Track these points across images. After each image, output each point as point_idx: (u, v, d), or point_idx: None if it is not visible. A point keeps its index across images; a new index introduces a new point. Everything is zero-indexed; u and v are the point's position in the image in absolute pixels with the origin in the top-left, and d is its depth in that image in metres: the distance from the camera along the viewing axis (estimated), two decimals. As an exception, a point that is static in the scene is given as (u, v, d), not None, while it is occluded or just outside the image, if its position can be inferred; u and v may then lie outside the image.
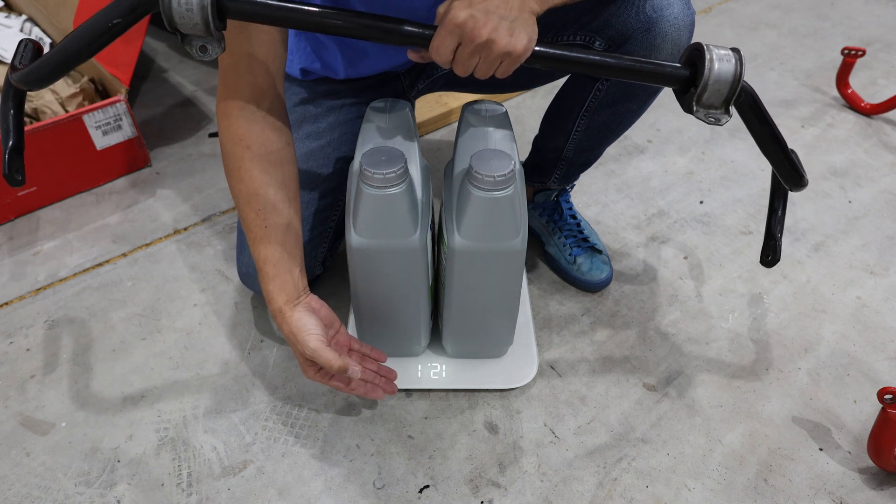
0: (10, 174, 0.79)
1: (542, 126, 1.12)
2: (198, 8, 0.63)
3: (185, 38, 0.67)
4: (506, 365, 1.00)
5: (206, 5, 0.63)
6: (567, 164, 1.11)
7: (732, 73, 0.69)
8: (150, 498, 0.86)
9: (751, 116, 0.75)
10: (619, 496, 0.87)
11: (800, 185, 0.85)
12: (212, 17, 0.64)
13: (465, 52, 0.67)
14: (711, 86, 0.69)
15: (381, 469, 0.90)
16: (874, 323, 1.10)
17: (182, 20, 0.64)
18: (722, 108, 0.71)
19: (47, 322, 1.09)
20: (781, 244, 0.91)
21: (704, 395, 0.99)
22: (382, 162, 0.75)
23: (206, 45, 0.68)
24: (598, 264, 1.13)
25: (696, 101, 0.71)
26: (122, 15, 0.67)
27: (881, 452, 0.86)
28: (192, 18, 0.64)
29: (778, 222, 0.91)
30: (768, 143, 0.79)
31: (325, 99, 1.03)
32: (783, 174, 0.84)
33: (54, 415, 0.96)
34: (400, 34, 0.69)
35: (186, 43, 0.67)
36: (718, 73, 0.69)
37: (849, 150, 1.48)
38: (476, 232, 0.80)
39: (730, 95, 0.70)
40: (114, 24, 0.67)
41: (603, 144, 1.06)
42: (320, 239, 1.02)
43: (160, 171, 1.41)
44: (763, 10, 2.06)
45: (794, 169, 0.82)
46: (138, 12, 0.66)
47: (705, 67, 0.69)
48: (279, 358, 1.03)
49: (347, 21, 0.69)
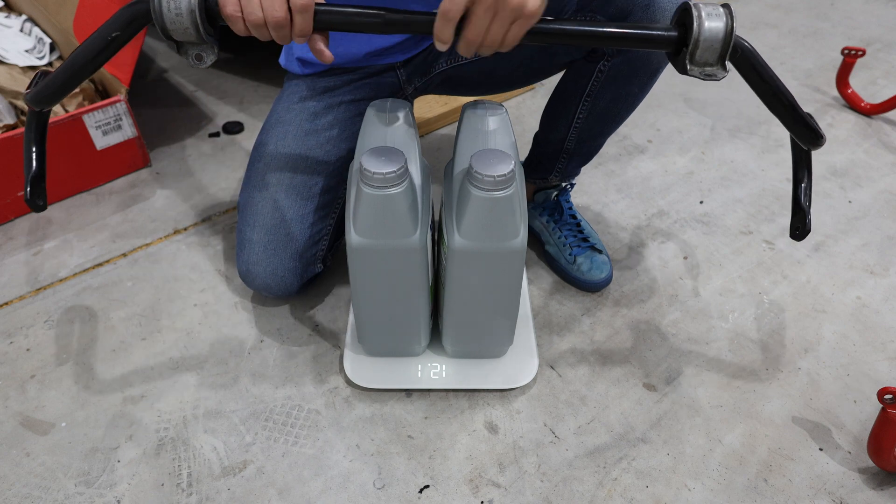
0: (31, 200, 0.82)
1: (543, 119, 1.12)
2: (186, 12, 0.65)
3: (180, 47, 0.69)
4: (506, 365, 1.00)
5: (193, 8, 0.65)
6: (568, 156, 1.11)
7: (723, 27, 0.68)
8: (150, 498, 0.86)
9: (751, 74, 0.74)
10: (619, 496, 0.87)
11: (816, 142, 0.82)
12: (201, 21, 0.66)
13: (480, 7, 0.65)
14: (703, 42, 0.68)
15: (381, 469, 0.90)
16: (874, 323, 1.10)
17: (174, 25, 0.66)
18: (718, 63, 0.70)
19: (47, 322, 1.09)
20: (810, 215, 0.87)
21: (704, 395, 0.99)
22: (382, 162, 0.75)
23: (200, 53, 0.69)
24: (598, 264, 1.13)
25: (689, 59, 0.70)
26: (120, 28, 0.69)
27: (881, 452, 0.86)
28: (182, 23, 0.65)
29: (805, 192, 0.87)
30: (773, 100, 0.76)
31: (324, 95, 1.03)
32: (796, 132, 0.81)
33: (54, 415, 0.96)
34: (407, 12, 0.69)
35: (182, 52, 0.70)
36: (709, 28, 0.68)
37: (849, 150, 1.48)
38: (476, 232, 0.80)
39: (724, 50, 0.69)
40: (113, 37, 0.70)
41: (605, 133, 1.07)
42: (320, 236, 1.02)
43: (160, 171, 1.41)
44: (763, 10, 2.06)
45: (805, 125, 0.79)
46: (135, 26, 0.69)
47: (694, 24, 0.68)
48: (279, 358, 1.03)
49: (345, 15, 0.69)
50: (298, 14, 0.66)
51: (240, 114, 1.60)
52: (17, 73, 1.35)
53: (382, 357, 1.00)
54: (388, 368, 0.99)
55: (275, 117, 1.05)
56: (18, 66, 1.36)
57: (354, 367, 0.99)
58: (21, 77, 1.34)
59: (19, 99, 1.32)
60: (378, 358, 1.00)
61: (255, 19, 0.66)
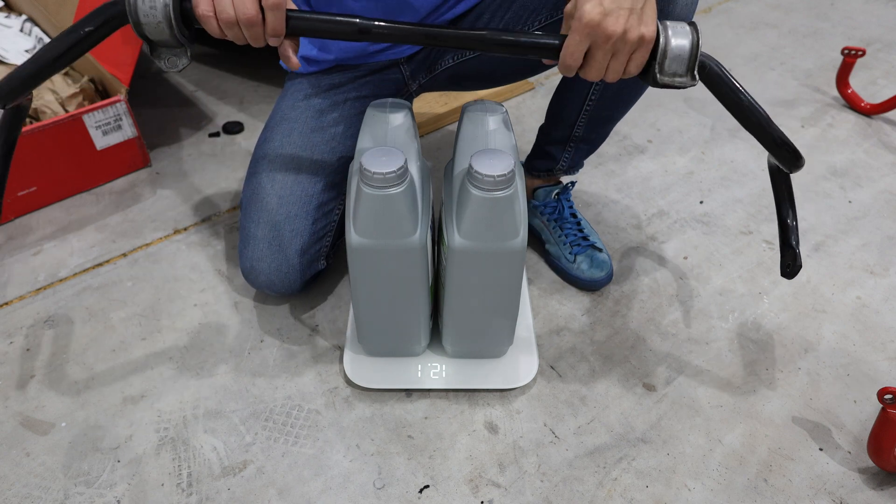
0: None
1: (552, 107, 1.12)
2: (161, 7, 0.65)
3: (153, 49, 0.69)
4: (506, 365, 1.00)
5: (168, 3, 0.65)
6: (576, 144, 1.11)
7: (689, 44, 0.69)
8: (150, 498, 0.86)
9: (722, 92, 0.75)
10: (619, 496, 0.87)
11: (795, 163, 0.83)
12: (174, 19, 0.66)
13: (599, 52, 0.68)
14: (671, 52, 0.69)
15: (381, 469, 0.90)
16: (874, 323, 1.10)
17: (147, 19, 0.65)
18: (687, 75, 0.71)
19: (47, 322, 1.09)
20: (800, 252, 0.87)
21: (704, 395, 0.99)
22: (382, 162, 0.75)
23: (173, 56, 0.69)
24: (599, 263, 1.13)
25: (658, 70, 0.71)
26: (94, 24, 0.69)
27: (881, 452, 0.86)
28: (155, 17, 0.65)
29: (791, 231, 0.88)
30: (746, 120, 0.77)
31: (329, 93, 1.04)
32: (773, 152, 0.82)
33: (54, 415, 0.96)
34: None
35: (155, 55, 0.69)
36: (675, 44, 0.69)
37: (849, 150, 1.48)
38: (476, 232, 0.80)
39: (692, 63, 0.70)
40: (87, 31, 0.69)
41: (614, 118, 1.07)
42: (324, 232, 1.03)
43: (160, 171, 1.41)
44: (763, 10, 2.06)
45: (783, 145, 0.80)
46: (110, 22, 0.68)
47: (660, 40, 0.69)
48: (279, 358, 1.03)
49: (319, 22, 0.70)
50: (270, 12, 0.66)
51: (240, 114, 1.60)
52: (17, 73, 1.34)
53: (382, 357, 1.00)
54: (388, 368, 0.99)
55: (279, 115, 1.05)
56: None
57: (354, 367, 0.99)
58: (21, 77, 1.34)
59: (19, 99, 1.32)
60: (378, 358, 1.00)
61: (227, 17, 0.67)
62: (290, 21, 0.69)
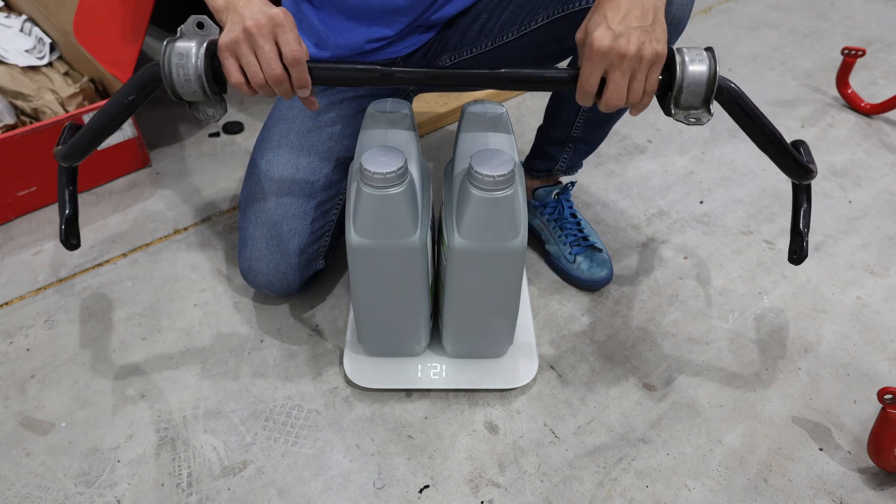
0: (66, 239, 0.89)
1: (550, 107, 1.12)
2: (194, 77, 0.72)
3: (191, 106, 0.77)
4: (506, 365, 1.00)
5: (200, 74, 0.72)
6: (574, 144, 1.12)
7: (707, 71, 0.70)
8: (150, 498, 0.86)
9: (738, 113, 0.75)
10: (619, 496, 0.87)
11: (806, 177, 0.84)
12: (207, 84, 0.73)
13: (616, 73, 0.69)
14: (687, 87, 0.70)
15: (381, 469, 0.90)
16: (874, 323, 1.10)
17: (183, 90, 0.73)
18: (703, 107, 0.72)
19: (47, 322, 1.09)
20: (808, 240, 0.88)
21: (704, 395, 0.99)
22: (382, 162, 0.75)
23: (209, 108, 0.76)
24: (599, 263, 1.13)
25: (673, 103, 0.72)
26: (135, 92, 0.76)
27: (881, 452, 0.86)
28: (190, 87, 0.72)
29: (804, 216, 0.88)
30: (760, 138, 0.78)
31: (326, 92, 1.04)
32: (785, 168, 0.83)
33: (54, 415, 0.96)
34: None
35: (193, 109, 0.77)
36: (692, 73, 0.70)
37: (849, 150, 1.48)
38: (476, 232, 0.80)
39: (708, 94, 0.71)
40: (130, 100, 0.77)
41: (612, 118, 1.07)
42: (322, 232, 1.03)
43: (160, 171, 1.41)
44: (763, 10, 2.06)
45: (794, 161, 0.81)
46: (148, 89, 0.76)
47: (678, 69, 0.70)
48: (279, 358, 1.03)
49: (340, 71, 0.76)
50: (293, 68, 0.72)
51: (240, 114, 1.60)
52: (17, 73, 1.34)
53: (382, 357, 1.00)
54: (388, 368, 0.99)
55: (277, 115, 1.05)
56: (18, 66, 1.36)
57: (354, 367, 0.99)
58: (21, 77, 1.34)
59: (19, 99, 1.32)
60: (378, 358, 1.00)
61: (258, 81, 0.73)
62: (314, 72, 0.74)
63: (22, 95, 1.32)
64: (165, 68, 0.72)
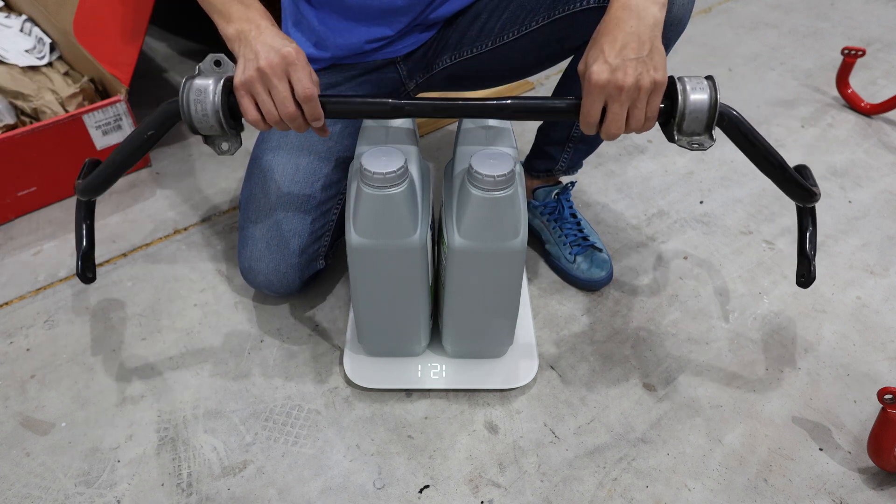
0: (82, 273, 0.90)
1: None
2: (212, 113, 0.74)
3: (207, 139, 0.79)
4: (506, 365, 1.00)
5: (217, 110, 0.74)
6: (574, 144, 1.12)
7: (707, 99, 0.71)
8: (150, 498, 0.86)
9: (739, 139, 0.77)
10: (619, 496, 0.87)
11: (809, 200, 0.85)
12: (224, 119, 0.75)
13: (616, 105, 0.70)
14: (689, 115, 0.72)
15: (381, 469, 0.90)
16: (874, 323, 1.10)
17: (201, 124, 0.75)
18: (705, 133, 0.74)
19: (47, 322, 1.09)
20: (815, 263, 0.89)
21: (704, 395, 0.99)
22: (382, 162, 0.75)
23: (225, 142, 0.79)
24: (599, 263, 1.13)
25: (676, 130, 0.74)
26: (154, 127, 0.78)
27: (881, 452, 0.86)
28: (208, 122, 0.75)
29: (810, 240, 0.89)
30: (762, 162, 0.80)
31: None
32: (788, 191, 0.84)
33: (54, 415, 0.96)
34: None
35: (209, 142, 0.79)
36: (694, 101, 0.71)
37: (849, 150, 1.48)
38: (476, 232, 0.80)
39: (710, 121, 0.72)
40: (149, 135, 0.79)
41: None
42: (322, 232, 1.03)
43: (160, 171, 1.41)
44: (763, 10, 2.06)
45: (798, 185, 0.82)
46: (167, 124, 0.78)
47: (679, 97, 0.71)
48: (279, 358, 1.03)
49: (349, 104, 0.78)
50: (305, 105, 0.75)
51: (240, 114, 1.60)
52: (17, 73, 1.34)
53: (382, 357, 1.00)
54: (388, 368, 0.99)
55: None
56: (18, 66, 1.36)
57: (354, 367, 0.99)
58: (21, 77, 1.34)
59: (19, 99, 1.32)
60: (378, 358, 1.00)
61: (273, 118, 0.75)
62: (326, 106, 0.76)
63: (22, 95, 1.32)
64: (184, 104, 0.74)
